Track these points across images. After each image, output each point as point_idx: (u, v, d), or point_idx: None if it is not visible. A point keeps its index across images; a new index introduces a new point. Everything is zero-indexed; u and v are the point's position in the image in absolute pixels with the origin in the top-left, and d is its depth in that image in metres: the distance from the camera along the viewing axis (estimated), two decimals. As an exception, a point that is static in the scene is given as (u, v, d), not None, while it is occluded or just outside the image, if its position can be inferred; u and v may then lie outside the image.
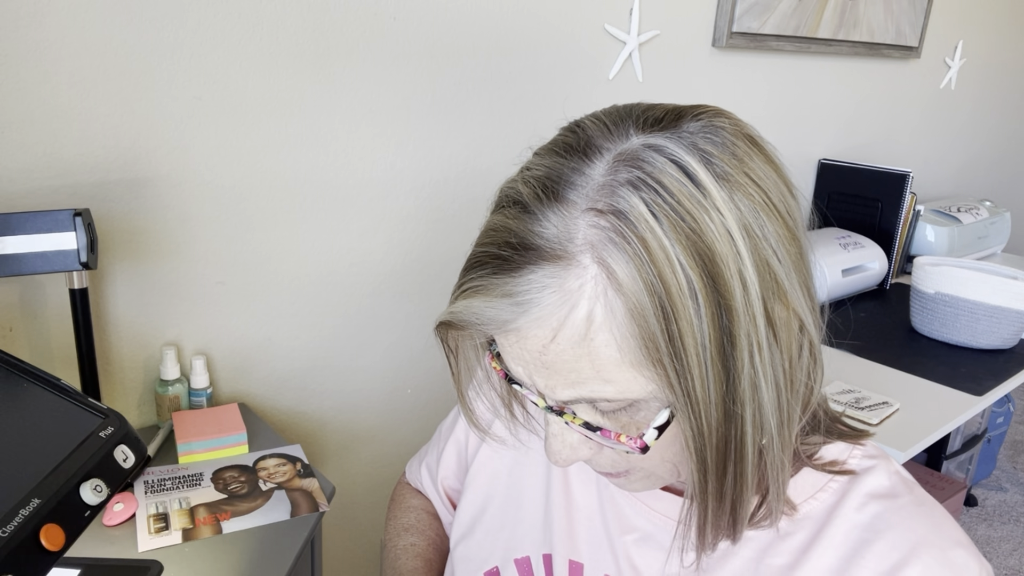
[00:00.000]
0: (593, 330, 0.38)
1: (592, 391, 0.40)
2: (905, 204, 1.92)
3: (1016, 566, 2.07)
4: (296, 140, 1.13)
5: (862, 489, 0.49)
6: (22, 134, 0.91)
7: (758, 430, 0.40)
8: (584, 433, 0.43)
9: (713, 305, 0.37)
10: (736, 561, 0.49)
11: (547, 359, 0.40)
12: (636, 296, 0.36)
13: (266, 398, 1.22)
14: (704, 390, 0.38)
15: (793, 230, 0.41)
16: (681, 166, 0.38)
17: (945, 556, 0.46)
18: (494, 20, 1.30)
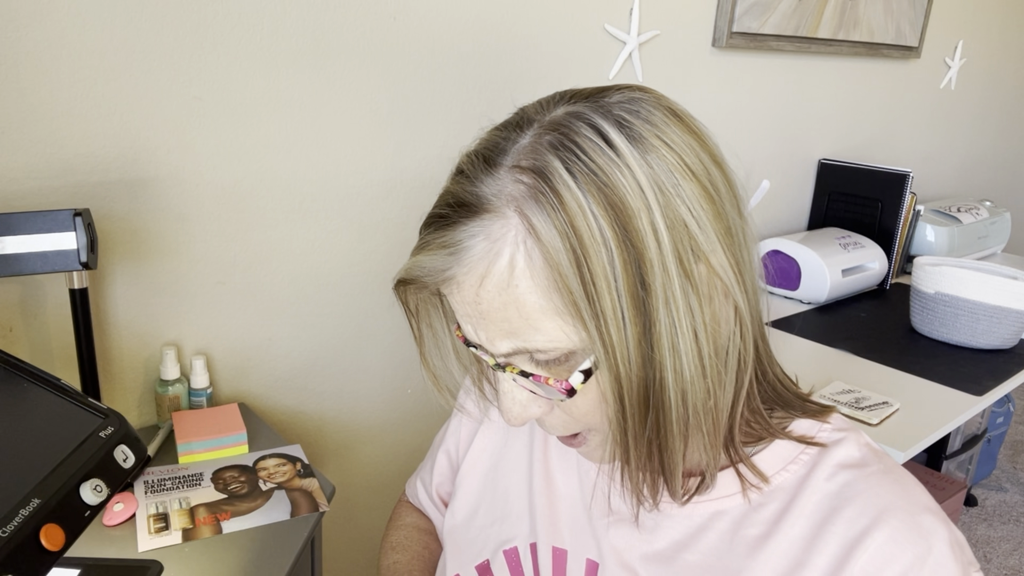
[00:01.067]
0: (516, 276, 0.42)
1: (525, 341, 0.44)
2: (905, 204, 1.92)
3: (1016, 566, 2.07)
4: (296, 140, 1.13)
5: (832, 460, 0.50)
6: (22, 134, 0.91)
7: (679, 378, 0.42)
8: (520, 382, 0.46)
9: (626, 253, 0.40)
10: (711, 535, 0.51)
11: (481, 308, 0.44)
12: (552, 243, 0.40)
13: (266, 398, 1.22)
14: (620, 335, 0.41)
15: (712, 195, 0.43)
16: (597, 129, 0.42)
17: (913, 520, 0.47)
18: (494, 20, 1.30)
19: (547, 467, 0.61)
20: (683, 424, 0.44)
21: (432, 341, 0.54)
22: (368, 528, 1.45)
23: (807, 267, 1.77)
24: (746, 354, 0.47)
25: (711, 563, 0.50)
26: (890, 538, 0.46)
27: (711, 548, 0.51)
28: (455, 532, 0.66)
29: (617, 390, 0.42)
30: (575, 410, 0.48)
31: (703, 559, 0.51)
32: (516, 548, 0.60)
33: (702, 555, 0.51)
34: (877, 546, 0.46)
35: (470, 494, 0.66)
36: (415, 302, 0.52)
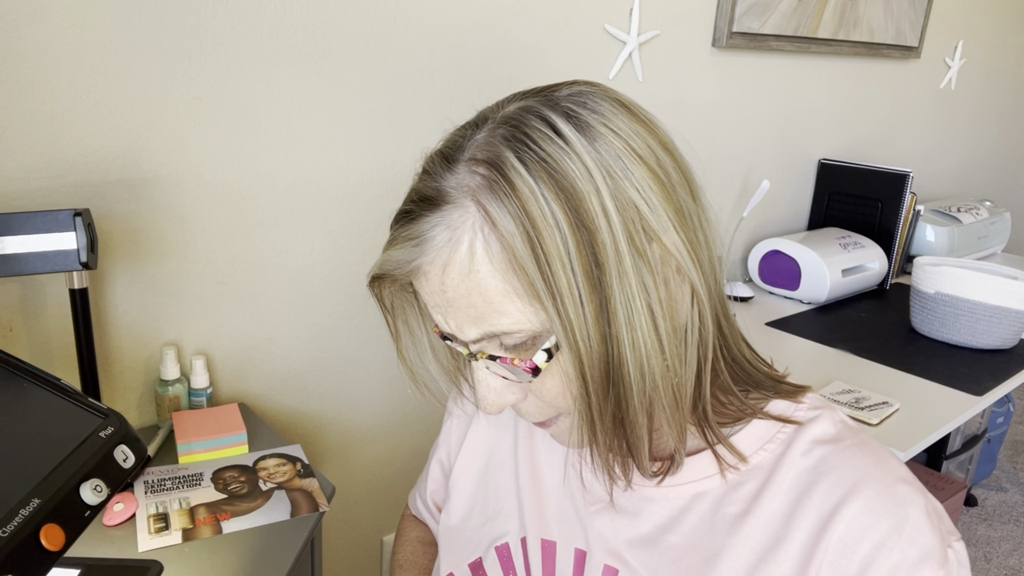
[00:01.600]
0: (476, 262, 0.44)
1: (492, 325, 0.45)
2: (905, 204, 1.92)
3: (1016, 566, 2.07)
4: (296, 140, 1.13)
5: (807, 436, 0.51)
6: (22, 134, 0.91)
7: (637, 353, 0.44)
8: (491, 367, 0.48)
9: (578, 234, 0.42)
10: (693, 516, 0.52)
11: (447, 296, 0.46)
12: (507, 229, 0.42)
13: (266, 398, 1.22)
14: (578, 312, 0.42)
15: (662, 179, 0.45)
16: (546, 120, 0.44)
17: (888, 491, 0.48)
18: (494, 20, 1.30)
19: (534, 462, 0.62)
20: (644, 399, 0.45)
21: (408, 337, 0.56)
22: (368, 528, 1.45)
23: (807, 267, 1.77)
24: (705, 332, 0.48)
25: (694, 543, 0.52)
26: (865, 508, 0.47)
27: (693, 528, 0.52)
28: (450, 533, 0.67)
29: (579, 367, 0.44)
30: (544, 392, 0.49)
31: (686, 540, 0.52)
32: (507, 544, 0.61)
33: (685, 536, 0.52)
34: (852, 516, 0.47)
35: (464, 496, 0.67)
36: (390, 299, 0.54)
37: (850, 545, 0.47)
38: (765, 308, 1.77)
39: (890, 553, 0.46)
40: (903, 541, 0.47)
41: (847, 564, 0.47)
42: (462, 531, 0.66)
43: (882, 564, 0.46)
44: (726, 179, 1.87)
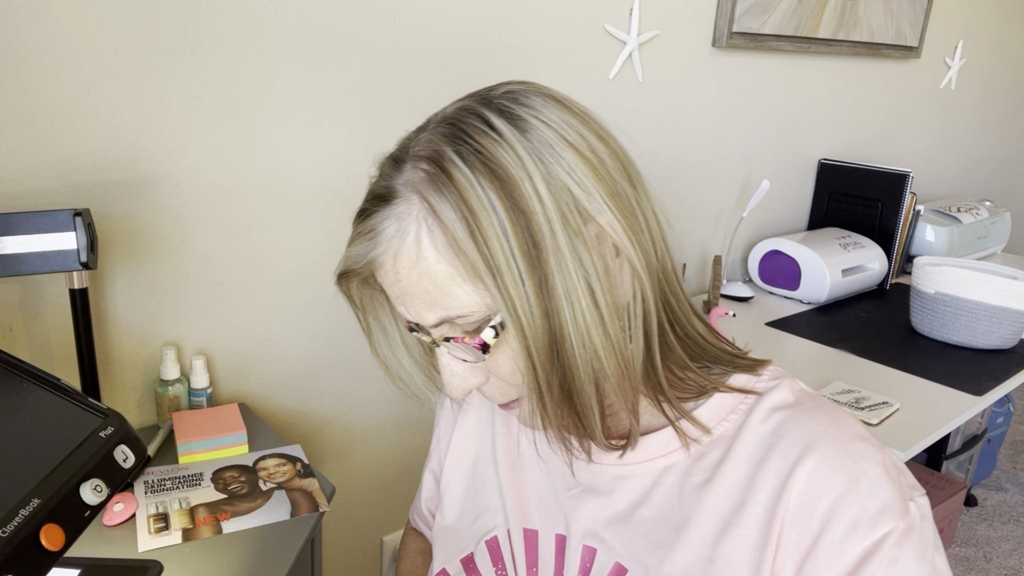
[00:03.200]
0: (422, 250, 0.47)
1: (446, 309, 0.48)
2: (905, 204, 1.92)
3: (1016, 566, 2.07)
4: (296, 140, 1.13)
5: (766, 404, 0.54)
6: (22, 134, 0.91)
7: (578, 327, 0.46)
8: (449, 350, 0.51)
9: (514, 216, 0.45)
10: (663, 489, 0.55)
11: (402, 284, 0.49)
12: (447, 216, 0.46)
13: (266, 398, 1.22)
14: (519, 289, 0.45)
15: (594, 163, 0.48)
16: (481, 116, 0.48)
17: (843, 447, 0.49)
18: (494, 20, 1.30)
19: (514, 455, 0.65)
20: (589, 371, 0.47)
21: (380, 333, 0.60)
22: (368, 528, 1.45)
23: (807, 267, 1.77)
24: (648, 307, 0.50)
25: (664, 515, 0.54)
26: (821, 464, 0.49)
27: (663, 501, 0.54)
28: (444, 533, 0.68)
29: (523, 341, 0.47)
30: (499, 370, 0.51)
31: (657, 512, 0.54)
32: (496, 537, 0.63)
33: (656, 509, 0.54)
34: (808, 473, 0.49)
35: (455, 497, 0.69)
36: (358, 296, 0.57)
37: (809, 502, 0.49)
38: (765, 308, 1.77)
39: (849, 507, 0.48)
40: (861, 494, 0.48)
41: (808, 521, 0.48)
42: (455, 530, 0.67)
43: (842, 518, 0.47)
44: (726, 179, 1.87)
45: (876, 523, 0.47)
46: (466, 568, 0.63)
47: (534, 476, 0.63)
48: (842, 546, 0.47)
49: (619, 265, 0.49)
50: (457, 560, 0.64)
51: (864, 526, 0.47)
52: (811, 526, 0.48)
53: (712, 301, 1.70)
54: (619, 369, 0.48)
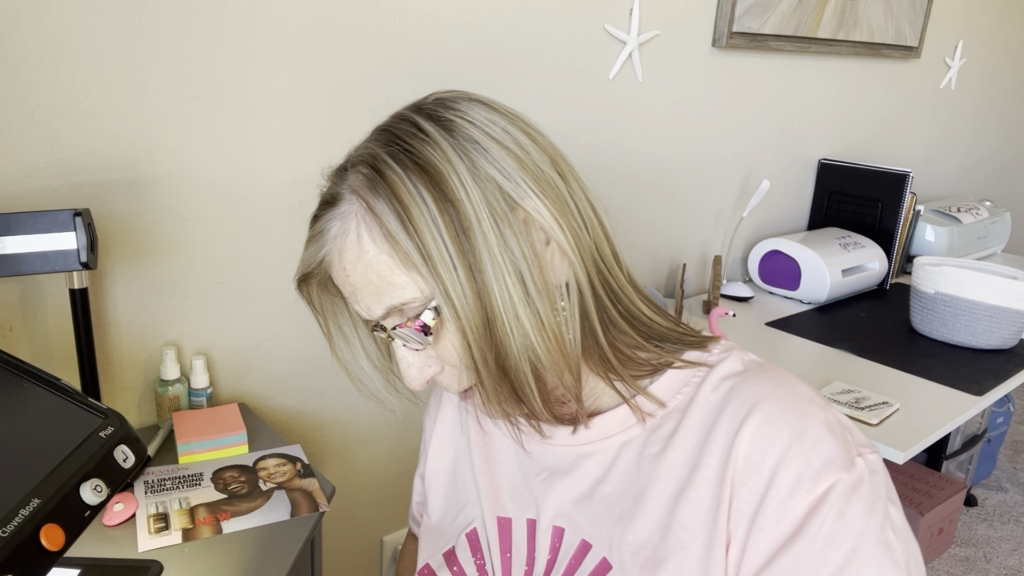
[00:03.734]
0: (363, 244, 0.52)
1: (391, 298, 0.52)
2: (905, 204, 1.92)
3: (1016, 566, 2.07)
4: (296, 140, 1.13)
5: (717, 375, 0.56)
6: (22, 134, 0.91)
7: (508, 307, 0.50)
8: (399, 337, 0.54)
9: (442, 205, 0.49)
10: (622, 464, 0.57)
11: (351, 279, 0.53)
12: (382, 211, 0.50)
13: (266, 398, 1.22)
14: (451, 273, 0.49)
15: (519, 155, 0.52)
16: (411, 121, 0.52)
17: (786, 405, 0.51)
18: (494, 20, 1.30)
19: (488, 449, 0.67)
20: (521, 349, 0.51)
21: (340, 338, 0.63)
22: (368, 528, 1.45)
23: (807, 267, 1.77)
24: (582, 289, 0.53)
25: (624, 488, 0.56)
26: (764, 422, 0.51)
27: (623, 475, 0.57)
28: (429, 530, 0.71)
29: (458, 323, 0.50)
30: (446, 355, 0.54)
31: (618, 486, 0.57)
32: (475, 529, 0.65)
33: (617, 483, 0.57)
34: (753, 432, 0.51)
35: (438, 495, 0.71)
36: (318, 300, 0.61)
37: (756, 460, 0.50)
38: (765, 308, 1.77)
39: (792, 462, 0.49)
40: (804, 449, 0.49)
41: (756, 479, 0.50)
42: (439, 527, 0.69)
43: (786, 474, 0.49)
44: (726, 179, 1.87)
45: (819, 477, 0.48)
46: (448, 561, 0.65)
47: (506, 466, 0.65)
48: (788, 501, 0.49)
49: (550, 249, 0.52)
50: (439, 554, 0.66)
51: (808, 480, 0.48)
52: (759, 484, 0.50)
53: (712, 301, 1.70)
54: (551, 346, 0.51)
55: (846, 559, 0.47)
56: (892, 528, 0.49)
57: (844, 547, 0.47)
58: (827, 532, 0.48)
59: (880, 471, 0.51)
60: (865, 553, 0.47)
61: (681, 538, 0.52)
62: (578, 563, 0.56)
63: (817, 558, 0.47)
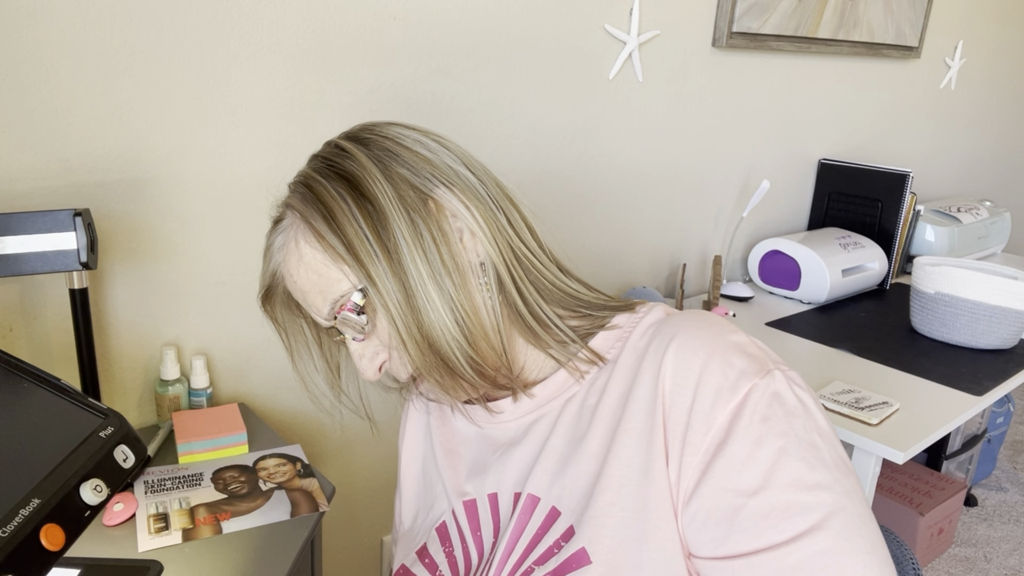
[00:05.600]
0: (301, 249, 0.59)
1: (332, 292, 0.58)
2: (905, 204, 1.92)
3: (1016, 566, 2.07)
4: (296, 140, 1.13)
5: (643, 326, 0.61)
6: (22, 134, 0.91)
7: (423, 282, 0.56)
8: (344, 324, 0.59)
9: (360, 201, 0.57)
10: (566, 417, 0.62)
11: (299, 284, 0.60)
12: (311, 217, 0.58)
13: (266, 398, 1.22)
14: (372, 259, 0.56)
15: (428, 156, 0.60)
16: (335, 145, 0.62)
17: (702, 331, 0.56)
18: (494, 20, 1.30)
19: (450, 442, 0.70)
20: (441, 321, 0.56)
21: (299, 353, 0.69)
22: (368, 528, 1.45)
23: (807, 267, 1.77)
24: (497, 265, 0.59)
25: (568, 437, 0.61)
26: (682, 346, 0.55)
27: (567, 428, 0.61)
28: (404, 536, 0.73)
29: (383, 302, 0.56)
30: (386, 338, 0.59)
31: (563, 438, 0.61)
32: (444, 522, 0.67)
33: (561, 436, 0.61)
34: (673, 356, 0.55)
35: (410, 502, 0.75)
36: (282, 318, 0.67)
37: (680, 382, 0.54)
38: (765, 308, 1.77)
39: (711, 377, 0.53)
40: (720, 364, 0.53)
41: (682, 400, 0.54)
42: (412, 530, 0.72)
43: (707, 388, 0.53)
44: (726, 179, 1.87)
45: (736, 386, 0.52)
46: (420, 558, 0.67)
47: (468, 454, 0.68)
48: (711, 412, 0.52)
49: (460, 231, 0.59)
50: (412, 553, 0.68)
51: (727, 391, 0.52)
52: (685, 402, 0.54)
53: (712, 301, 1.70)
54: (466, 317, 0.57)
55: (775, 457, 0.50)
56: (818, 432, 0.52)
57: (772, 447, 0.51)
58: (754, 435, 0.51)
59: (800, 384, 0.54)
60: (792, 451, 0.51)
61: (616, 468, 0.56)
62: (527, 517, 0.60)
63: (748, 459, 0.51)
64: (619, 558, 0.54)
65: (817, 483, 0.50)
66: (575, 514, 0.57)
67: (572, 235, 1.57)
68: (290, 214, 0.61)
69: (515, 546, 0.59)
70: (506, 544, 0.60)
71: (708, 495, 0.52)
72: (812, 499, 0.49)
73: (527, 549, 0.58)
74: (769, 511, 0.50)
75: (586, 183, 1.55)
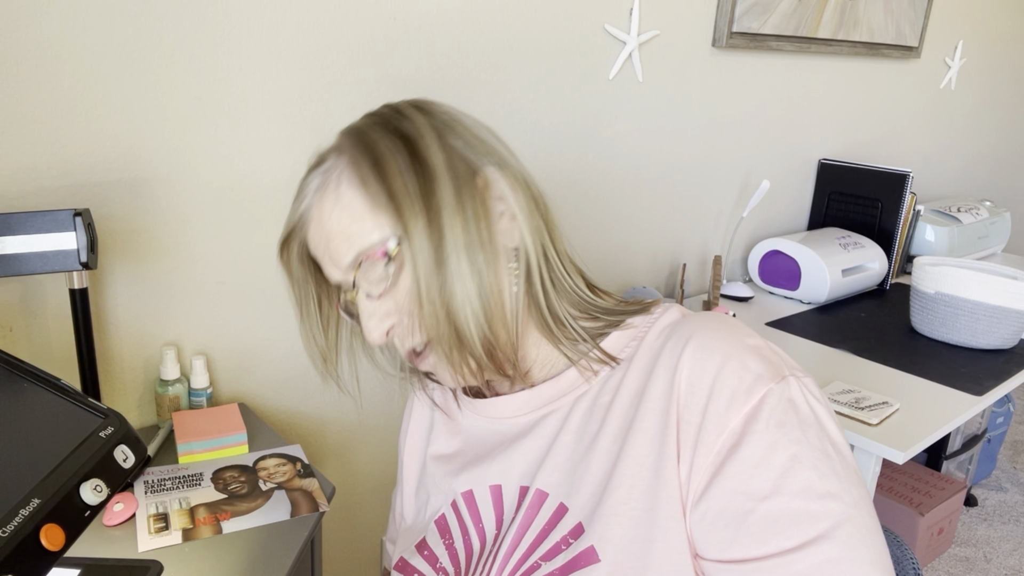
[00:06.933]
0: (341, 190, 0.58)
1: (363, 240, 0.57)
2: (905, 204, 1.92)
3: (1016, 566, 2.07)
4: (296, 140, 1.13)
5: (658, 327, 0.61)
6: (22, 134, 0.91)
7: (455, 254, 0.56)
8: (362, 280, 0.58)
9: (412, 160, 0.57)
10: (577, 415, 0.61)
11: (326, 229, 0.59)
12: (360, 161, 0.58)
13: (266, 398, 1.22)
14: (413, 215, 0.56)
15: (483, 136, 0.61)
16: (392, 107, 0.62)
17: (719, 332, 0.56)
18: (494, 20, 1.30)
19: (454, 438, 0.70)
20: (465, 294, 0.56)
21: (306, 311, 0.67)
22: (368, 528, 1.45)
23: (807, 267, 1.77)
24: (530, 255, 0.60)
25: (580, 435, 0.61)
26: (699, 347, 0.55)
27: (578, 424, 0.61)
28: (405, 532, 0.73)
29: (414, 261, 0.56)
30: (403, 300, 0.58)
31: (574, 435, 0.61)
32: (443, 514, 0.68)
33: (572, 432, 0.61)
34: (690, 357, 0.55)
35: (410, 497, 0.75)
36: (297, 270, 0.65)
37: (695, 383, 0.54)
38: (765, 308, 1.77)
39: (727, 379, 0.53)
40: (736, 367, 0.53)
41: (697, 400, 0.54)
42: (413, 526, 0.72)
43: (722, 390, 0.53)
44: (726, 179, 1.87)
45: (751, 390, 0.52)
46: (419, 551, 0.67)
47: (469, 446, 0.68)
48: (725, 415, 0.52)
49: (502, 213, 0.59)
50: (412, 546, 0.68)
51: (742, 394, 0.52)
52: (699, 403, 0.54)
53: (712, 301, 1.70)
54: (490, 296, 0.57)
55: (788, 464, 0.51)
56: (830, 441, 0.53)
57: (785, 453, 0.51)
58: (768, 440, 0.51)
59: (814, 392, 0.54)
60: (805, 459, 0.51)
61: (629, 467, 0.56)
62: (535, 512, 0.60)
63: (761, 463, 0.51)
64: (628, 557, 0.54)
65: (827, 492, 0.50)
66: (585, 511, 0.57)
67: (572, 235, 1.57)
68: (334, 157, 0.60)
69: (521, 540, 0.59)
70: (512, 538, 0.60)
71: (718, 496, 0.52)
72: (821, 508, 0.49)
73: (533, 544, 0.58)
74: (778, 517, 0.50)
75: (586, 183, 1.55)
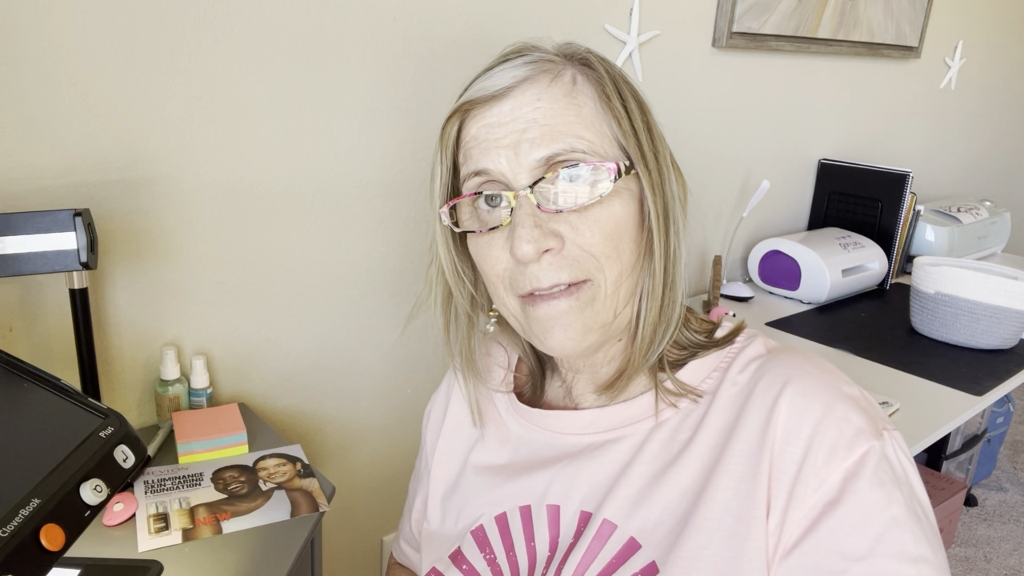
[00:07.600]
0: (578, 87, 0.57)
1: (569, 143, 0.55)
2: (905, 204, 1.92)
3: (1016, 566, 2.07)
4: (296, 140, 1.13)
5: (742, 359, 0.59)
6: (22, 134, 0.91)
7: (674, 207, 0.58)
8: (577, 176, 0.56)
9: (641, 108, 0.60)
10: (653, 446, 0.59)
11: (537, 113, 0.56)
12: (602, 77, 0.58)
13: (266, 398, 1.22)
14: (649, 150, 0.57)
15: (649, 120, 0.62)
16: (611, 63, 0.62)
17: (816, 379, 0.54)
18: (495, 20, 1.30)
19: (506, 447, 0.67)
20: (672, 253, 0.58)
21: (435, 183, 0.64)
22: (368, 528, 1.45)
23: (807, 267, 1.77)
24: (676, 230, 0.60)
25: (655, 467, 0.58)
26: (798, 393, 0.53)
27: (652, 456, 0.59)
28: (432, 536, 0.70)
29: (639, 194, 0.57)
30: (586, 227, 0.56)
31: (647, 466, 0.58)
32: (481, 525, 0.65)
33: (646, 463, 0.59)
34: (788, 403, 0.53)
35: (436, 500, 0.72)
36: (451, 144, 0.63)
37: (792, 431, 0.53)
38: (765, 308, 1.77)
39: (827, 431, 0.51)
40: (837, 419, 0.52)
41: (794, 449, 0.52)
42: (441, 533, 0.70)
43: (822, 443, 0.51)
44: (726, 179, 1.87)
45: (853, 445, 0.51)
46: (456, 563, 0.65)
47: (521, 457, 0.66)
48: (825, 468, 0.51)
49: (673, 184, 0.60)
50: (446, 557, 0.66)
51: (843, 448, 0.51)
52: (796, 453, 0.52)
53: (712, 301, 1.70)
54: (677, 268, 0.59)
55: (886, 527, 0.49)
56: (919, 502, 0.52)
57: (884, 515, 0.50)
58: (868, 500, 0.50)
59: (903, 448, 0.54)
60: (901, 521, 0.50)
61: (713, 511, 0.53)
62: (602, 544, 0.57)
63: (859, 524, 0.50)
64: None
65: (920, 556, 0.49)
66: (659, 551, 0.54)
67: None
68: (561, 60, 0.58)
69: (587, 570, 0.56)
70: (576, 567, 0.57)
71: (811, 551, 0.50)
72: (914, 572, 0.49)
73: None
74: None
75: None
